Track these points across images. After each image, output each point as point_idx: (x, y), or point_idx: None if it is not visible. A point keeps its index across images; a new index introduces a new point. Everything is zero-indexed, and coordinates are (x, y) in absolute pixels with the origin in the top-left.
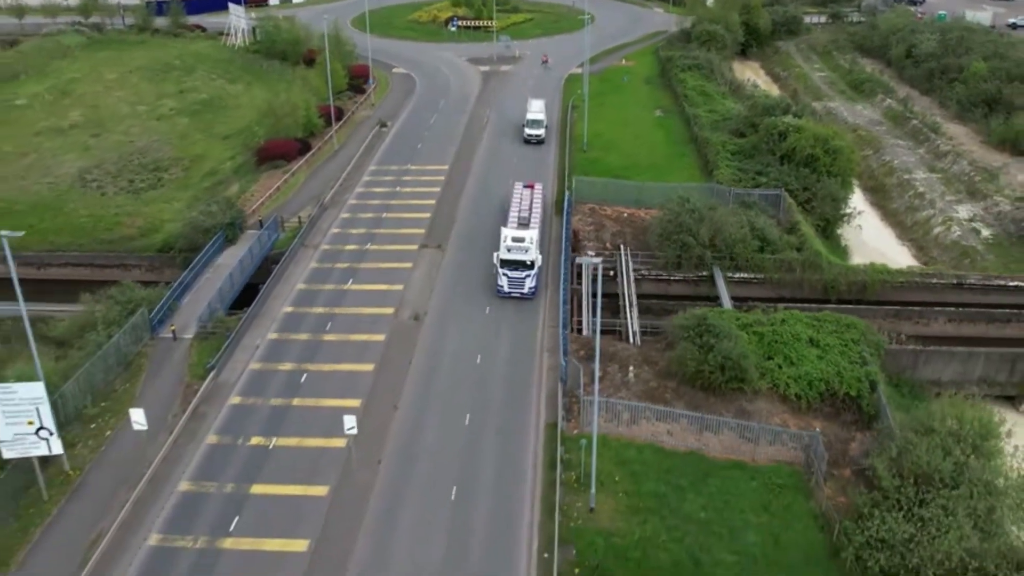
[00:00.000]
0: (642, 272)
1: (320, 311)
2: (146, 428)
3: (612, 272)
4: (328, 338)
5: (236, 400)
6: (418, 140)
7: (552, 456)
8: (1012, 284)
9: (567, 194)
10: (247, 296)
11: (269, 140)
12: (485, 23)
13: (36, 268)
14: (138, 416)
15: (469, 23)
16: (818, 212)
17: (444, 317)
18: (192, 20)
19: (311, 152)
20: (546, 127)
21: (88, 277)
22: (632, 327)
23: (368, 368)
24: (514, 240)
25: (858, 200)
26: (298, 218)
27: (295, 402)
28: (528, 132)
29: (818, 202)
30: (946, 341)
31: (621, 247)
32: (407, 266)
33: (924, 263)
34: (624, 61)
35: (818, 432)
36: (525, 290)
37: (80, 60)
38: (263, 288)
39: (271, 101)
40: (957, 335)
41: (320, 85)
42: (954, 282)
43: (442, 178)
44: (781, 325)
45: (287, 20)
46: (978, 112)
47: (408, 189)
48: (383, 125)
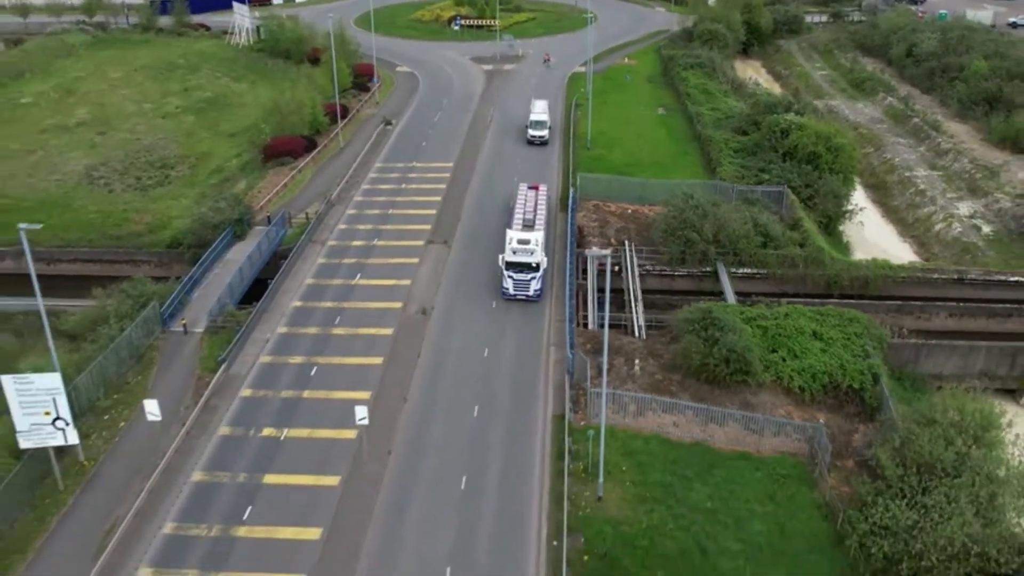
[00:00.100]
0: (647, 268)
1: (329, 305)
2: (160, 419)
3: (617, 267)
4: (337, 332)
5: (247, 392)
6: (423, 138)
7: (560, 447)
8: (1012, 280)
9: (572, 191)
10: (256, 291)
11: (275, 137)
12: (488, 22)
13: (46, 264)
14: (152, 407)
15: (472, 22)
16: (820, 209)
17: (451, 311)
18: (196, 19)
19: (317, 149)
20: (550, 128)
21: (97, 273)
22: (637, 321)
23: (377, 361)
24: (519, 242)
25: (860, 197)
26: (305, 214)
27: (305, 394)
28: (532, 133)
29: (820, 199)
30: (947, 335)
31: (626, 243)
32: (414, 261)
33: (925, 259)
34: (626, 60)
35: (822, 424)
36: (531, 292)
37: (84, 59)
38: (272, 283)
39: (277, 99)
40: (958, 330)
41: (325, 83)
42: (955, 277)
43: (447, 175)
44: (785, 319)
45: (291, 19)
46: (979, 110)
47: (414, 186)
48: (388, 123)
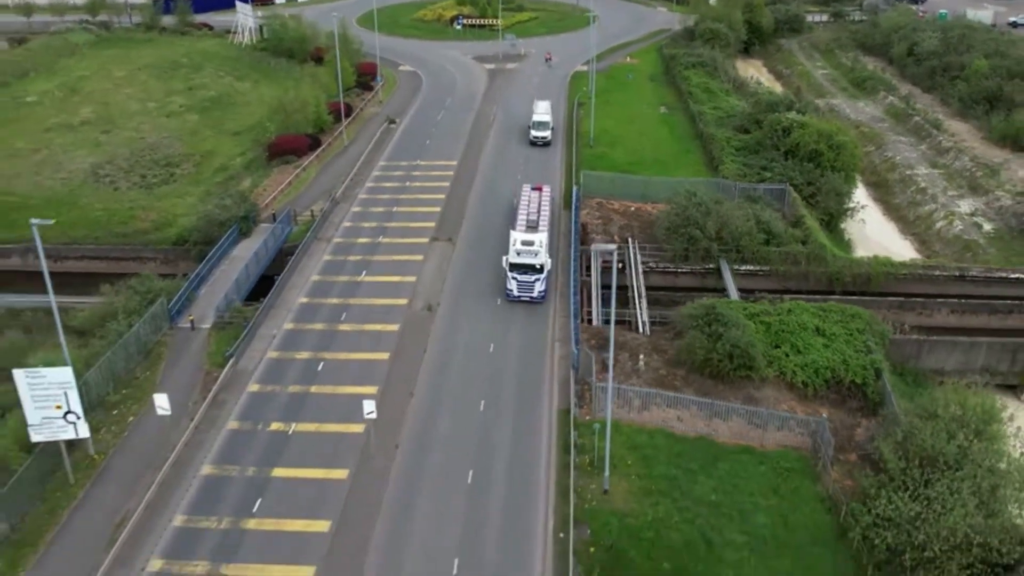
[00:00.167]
0: (650, 264)
1: (335, 302)
2: (169, 413)
3: (621, 264)
4: (343, 328)
5: (255, 388)
6: (426, 137)
7: (565, 441)
8: (1013, 276)
9: (575, 188)
10: (261, 288)
11: (280, 136)
12: (490, 21)
13: (53, 260)
14: (162, 401)
15: (474, 21)
16: (822, 206)
17: (457, 308)
18: (198, 19)
19: (321, 148)
20: (552, 128)
21: (104, 270)
22: (641, 317)
23: (383, 357)
24: (523, 244)
25: (861, 195)
26: (311, 212)
27: (313, 389)
28: (534, 134)
29: (822, 196)
30: (949, 332)
31: (629, 240)
32: (419, 258)
33: (926, 257)
34: (628, 59)
35: (825, 418)
36: (535, 294)
37: (88, 58)
38: (279, 279)
39: (282, 97)
40: (959, 326)
41: (329, 82)
42: (956, 274)
43: (451, 173)
44: (788, 315)
45: (294, 18)
46: (979, 109)
47: (418, 184)
48: (391, 122)
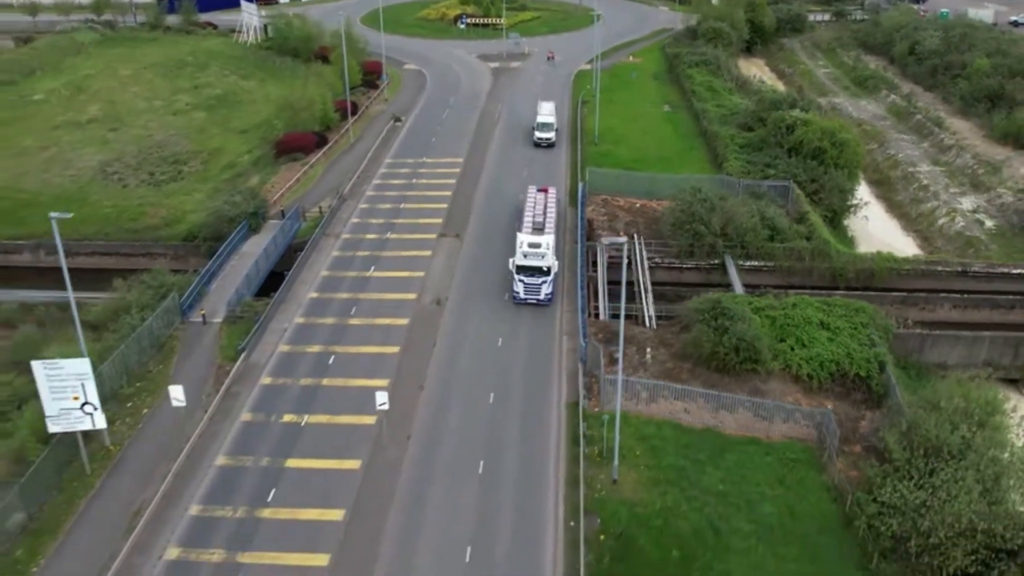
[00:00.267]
0: (655, 260)
1: (344, 296)
2: (184, 404)
3: (627, 260)
4: (353, 322)
5: (267, 380)
6: (432, 134)
7: (574, 432)
8: (1015, 272)
9: (581, 185)
10: (271, 283)
11: (288, 133)
12: (494, 20)
13: (64, 256)
14: (177, 393)
15: (478, 20)
16: (825, 203)
17: (465, 302)
18: (203, 18)
19: (328, 145)
20: (556, 130)
21: (114, 266)
22: (647, 311)
23: (393, 350)
24: (530, 246)
25: (863, 193)
26: (319, 208)
27: (324, 382)
28: (538, 135)
29: (825, 193)
30: (951, 327)
31: (634, 236)
32: (427, 254)
33: (929, 253)
34: (632, 58)
35: (830, 410)
36: (541, 296)
37: (94, 57)
38: (289, 274)
39: (289, 95)
40: (962, 321)
41: (335, 80)
42: (959, 270)
43: (457, 170)
44: (793, 309)
45: (299, 17)
46: (981, 107)
47: (424, 181)
48: (397, 120)
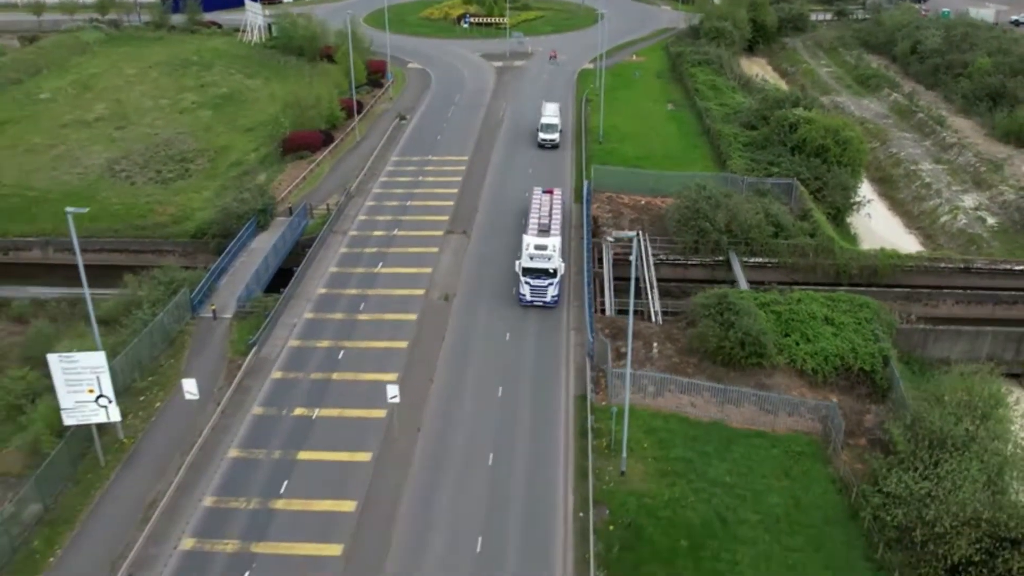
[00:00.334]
0: (660, 257)
1: (353, 292)
2: (197, 397)
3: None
4: (362, 317)
5: (278, 375)
6: (437, 132)
7: (582, 425)
8: (1017, 268)
9: (586, 183)
10: (279, 280)
11: (294, 131)
12: (497, 20)
13: (73, 254)
14: (190, 386)
15: (481, 20)
16: (829, 201)
17: (473, 297)
18: (207, 17)
19: (334, 143)
20: (560, 131)
21: (123, 262)
22: (653, 307)
23: (402, 345)
24: (536, 248)
25: (866, 191)
26: (326, 205)
27: (335, 376)
28: (542, 137)
29: (829, 191)
30: (954, 322)
31: (640, 233)
32: (434, 250)
33: (931, 250)
34: (635, 57)
35: (835, 403)
36: (548, 299)
37: (99, 56)
38: (298, 270)
39: (296, 93)
40: (965, 316)
41: (340, 79)
42: (961, 266)
43: (463, 168)
44: (797, 304)
45: (304, 17)
46: (982, 106)
47: (430, 178)
48: (402, 118)
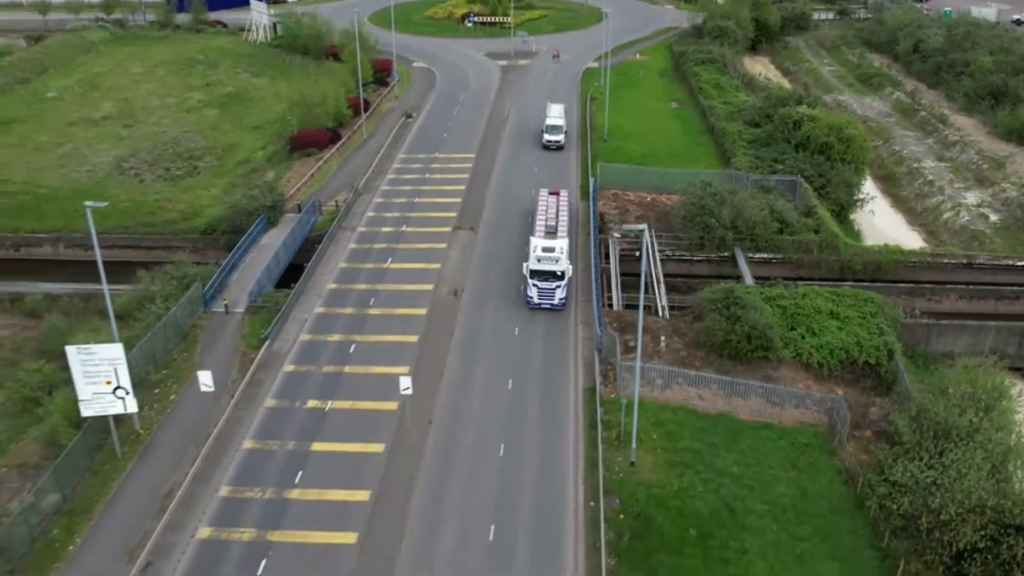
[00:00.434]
0: (666, 253)
1: (363, 287)
2: (213, 389)
3: (638, 253)
4: (373, 312)
5: (290, 368)
6: (443, 130)
7: (591, 418)
8: (1020, 264)
9: (592, 180)
10: (289, 275)
11: (302, 129)
12: (501, 19)
13: (83, 249)
14: (205, 378)
15: (485, 19)
16: (833, 197)
17: (482, 293)
18: (212, 16)
19: (341, 141)
20: (566, 132)
21: (134, 259)
22: (661, 301)
23: (412, 339)
24: (544, 250)
25: (869, 188)
26: (335, 202)
27: (346, 369)
28: (547, 138)
29: (833, 188)
30: (957, 317)
31: (646, 229)
32: (442, 246)
33: (935, 246)
34: (638, 56)
35: (841, 396)
36: (555, 301)
37: (105, 55)
38: (308, 266)
39: (303, 92)
40: (968, 311)
41: (347, 77)
42: (964, 262)
43: (469, 166)
44: (803, 299)
45: (309, 16)
46: (984, 104)
47: (437, 176)
48: (408, 116)
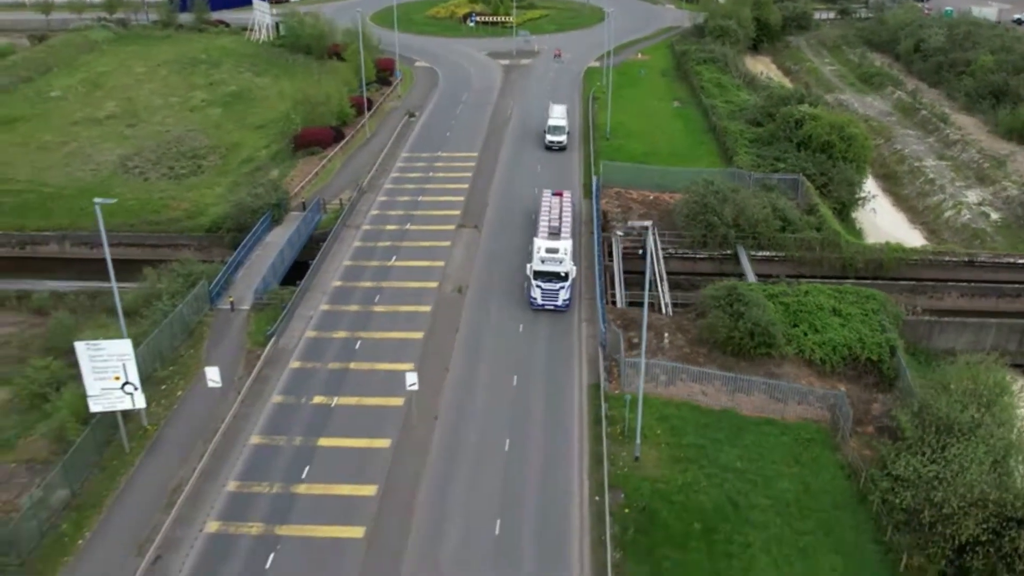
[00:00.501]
0: (669, 251)
1: (368, 285)
2: (220, 385)
3: (641, 251)
4: (377, 309)
5: (296, 364)
6: (446, 129)
7: (596, 413)
8: (1021, 262)
9: (595, 178)
10: (293, 273)
11: (306, 128)
12: (502, 19)
13: (89, 247)
14: (213, 374)
15: (487, 19)
16: (834, 196)
17: (486, 290)
18: (214, 16)
19: (345, 140)
20: (568, 133)
21: (139, 256)
22: (664, 298)
23: (418, 336)
24: (548, 251)
25: (871, 187)
26: (339, 200)
27: (352, 366)
28: (550, 139)
29: (834, 186)
30: (959, 314)
31: (649, 227)
32: (446, 244)
33: (936, 244)
34: (640, 55)
35: (843, 392)
36: (559, 302)
37: (108, 54)
38: (313, 263)
39: (307, 91)
40: (969, 309)
41: (350, 77)
42: (965, 260)
43: (472, 164)
44: (805, 296)
45: (311, 15)
46: (985, 103)
47: (441, 174)
48: (411, 115)
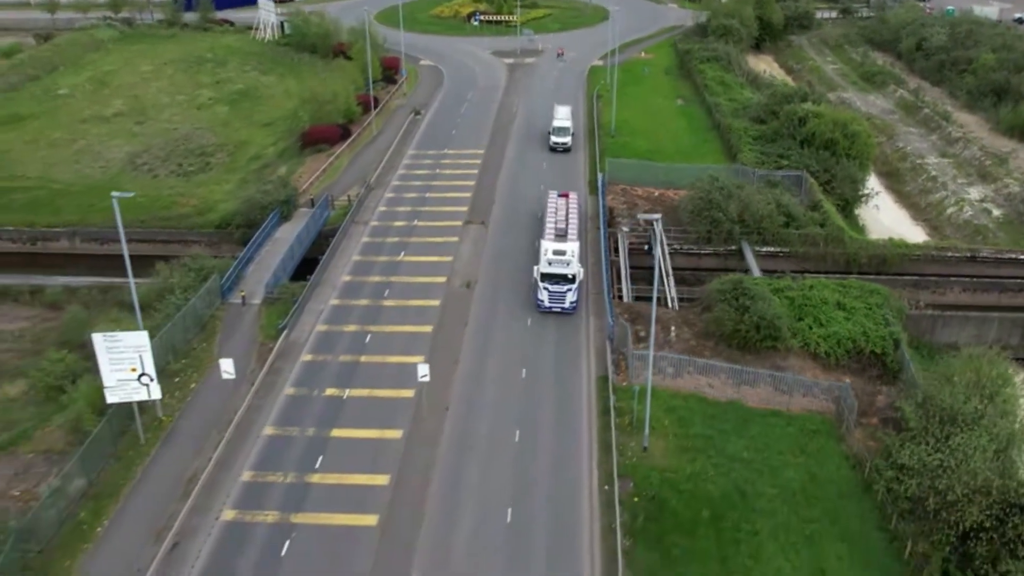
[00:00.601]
0: (675, 246)
1: (377, 279)
2: (234, 377)
3: (647, 246)
4: (387, 303)
5: (307, 357)
6: (452, 127)
7: (604, 404)
8: (1023, 257)
9: (600, 175)
10: (303, 269)
11: (313, 126)
12: (507, 18)
13: (100, 243)
14: (227, 366)
15: (491, 18)
16: (838, 193)
17: (494, 285)
18: (219, 15)
19: (352, 137)
20: (573, 134)
21: (150, 252)
22: (670, 292)
23: (427, 329)
24: (555, 253)
25: (874, 183)
26: (347, 197)
27: (363, 359)
28: (554, 140)
29: (838, 183)
30: (962, 309)
31: (654, 223)
32: (454, 240)
33: (938, 240)
34: (643, 54)
35: (848, 384)
36: (566, 304)
37: (114, 53)
38: (323, 258)
39: (314, 89)
40: (972, 304)
41: (356, 75)
42: (968, 255)
43: (478, 161)
44: (810, 290)
45: (317, 15)
46: (987, 101)
47: (447, 171)
48: (417, 113)
